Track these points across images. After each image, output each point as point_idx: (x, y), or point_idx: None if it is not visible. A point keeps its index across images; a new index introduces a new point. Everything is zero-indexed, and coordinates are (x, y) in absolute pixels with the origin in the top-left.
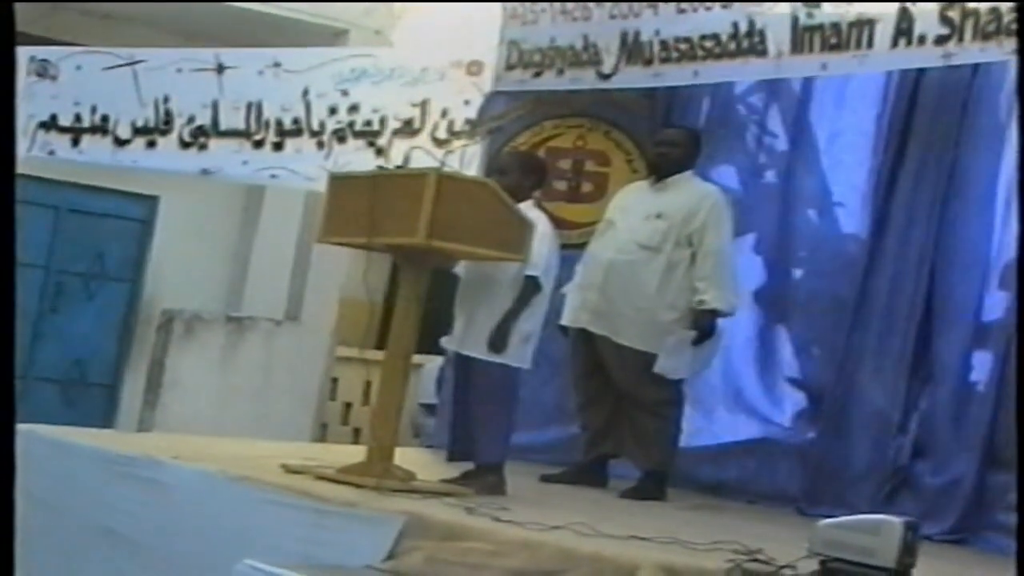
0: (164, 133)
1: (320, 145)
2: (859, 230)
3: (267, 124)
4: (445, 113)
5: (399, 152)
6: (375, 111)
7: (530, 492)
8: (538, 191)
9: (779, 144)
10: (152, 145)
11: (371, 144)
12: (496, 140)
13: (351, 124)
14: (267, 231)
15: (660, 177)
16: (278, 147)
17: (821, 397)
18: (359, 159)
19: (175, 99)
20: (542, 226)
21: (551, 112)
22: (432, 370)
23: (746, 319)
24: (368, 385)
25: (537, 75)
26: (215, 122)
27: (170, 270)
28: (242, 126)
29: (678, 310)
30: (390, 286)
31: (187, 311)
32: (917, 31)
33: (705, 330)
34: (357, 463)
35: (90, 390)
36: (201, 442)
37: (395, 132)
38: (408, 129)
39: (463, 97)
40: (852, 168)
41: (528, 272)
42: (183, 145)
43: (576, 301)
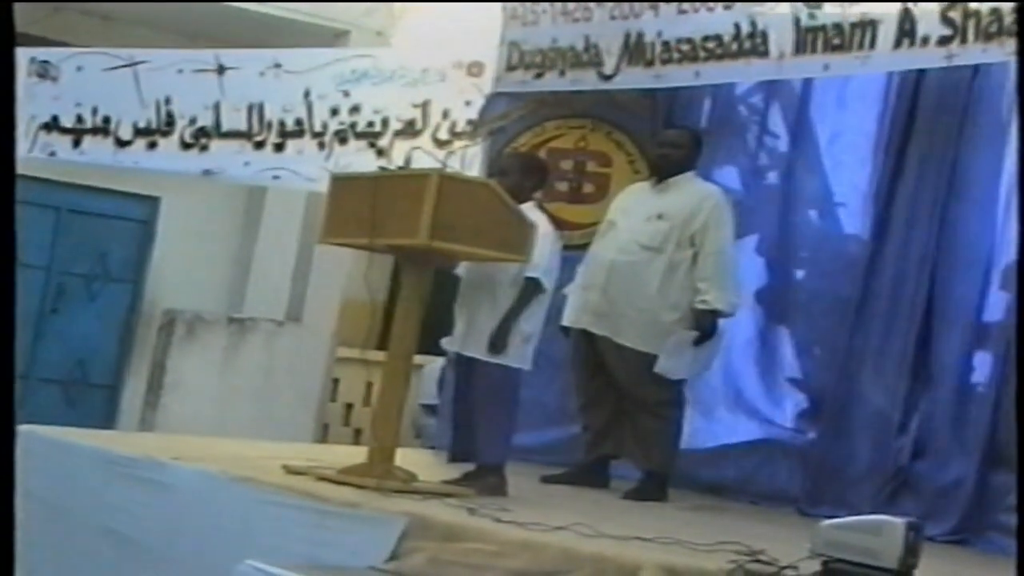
0: (165, 134)
1: (321, 146)
2: (860, 231)
3: (268, 125)
4: (446, 114)
5: (400, 153)
6: (376, 112)
7: (531, 493)
8: (539, 192)
9: (780, 145)
10: (153, 146)
11: (372, 145)
12: (497, 141)
13: (352, 125)
14: (269, 232)
15: (662, 178)
16: (279, 148)
17: (822, 398)
18: (360, 160)
19: (176, 100)
20: (543, 227)
21: (552, 113)
22: (433, 371)
23: (747, 320)
24: (369, 386)
25: (538, 76)
26: (216, 123)
27: (171, 271)
28: (243, 127)
29: (679, 311)
30: (391, 287)
31: (188, 312)
32: (920, 32)
33: (706, 330)
34: (358, 464)
35: (91, 391)
36: (202, 443)
37: (396, 133)
38: (409, 130)
39: (464, 98)
40: (853, 169)
41: (529, 273)
42: (184, 146)
43: (577, 302)
